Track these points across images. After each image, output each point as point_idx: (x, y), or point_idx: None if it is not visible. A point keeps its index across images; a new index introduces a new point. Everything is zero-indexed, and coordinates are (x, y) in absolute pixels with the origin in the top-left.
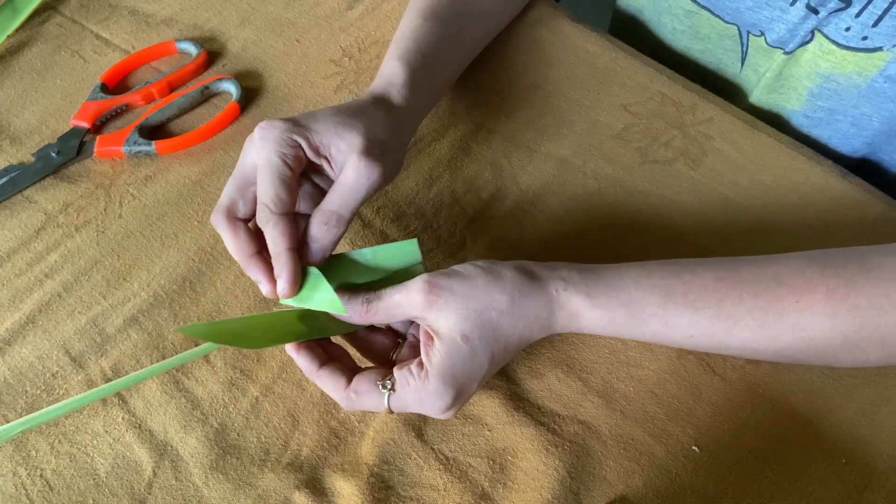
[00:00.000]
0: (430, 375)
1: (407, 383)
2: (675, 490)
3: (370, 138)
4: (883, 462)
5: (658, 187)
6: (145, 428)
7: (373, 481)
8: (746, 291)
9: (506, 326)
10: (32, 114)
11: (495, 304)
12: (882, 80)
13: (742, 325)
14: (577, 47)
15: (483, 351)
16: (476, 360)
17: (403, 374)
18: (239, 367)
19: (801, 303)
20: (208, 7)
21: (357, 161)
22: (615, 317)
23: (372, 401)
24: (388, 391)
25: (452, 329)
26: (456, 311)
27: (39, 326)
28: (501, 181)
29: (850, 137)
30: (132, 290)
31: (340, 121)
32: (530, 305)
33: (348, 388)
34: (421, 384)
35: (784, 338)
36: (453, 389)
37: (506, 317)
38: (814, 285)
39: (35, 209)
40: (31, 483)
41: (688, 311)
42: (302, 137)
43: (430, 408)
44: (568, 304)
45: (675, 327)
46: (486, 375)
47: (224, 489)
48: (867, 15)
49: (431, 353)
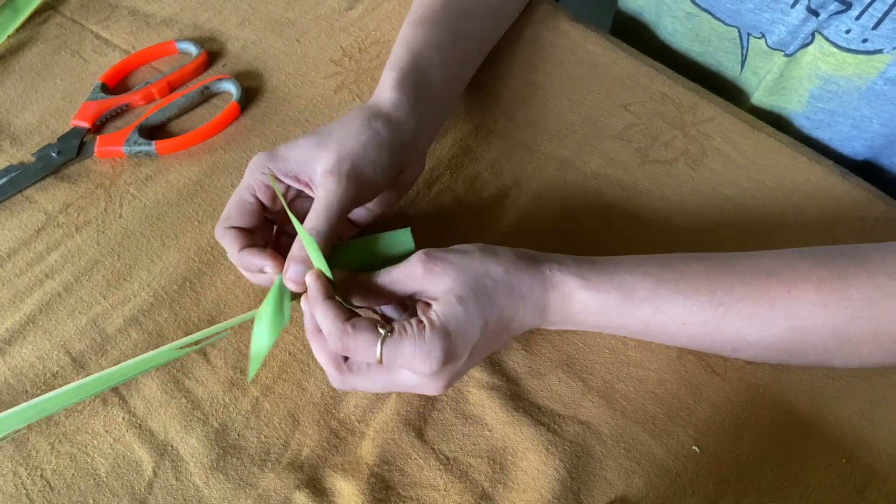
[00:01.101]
0: (425, 328)
1: (404, 331)
2: (675, 490)
3: (340, 154)
4: (883, 462)
5: (658, 187)
6: (146, 428)
7: (373, 481)
8: (737, 280)
9: (500, 295)
10: (33, 114)
11: (491, 273)
12: (882, 82)
13: (733, 314)
14: (578, 47)
15: (477, 314)
16: (470, 321)
17: (401, 323)
18: (239, 367)
19: (793, 293)
20: (208, 7)
21: (323, 179)
22: (607, 299)
23: (365, 340)
24: (386, 333)
25: (448, 291)
26: (452, 277)
27: (40, 326)
28: (501, 181)
29: (850, 139)
30: (132, 290)
31: (316, 142)
32: (524, 281)
33: (346, 321)
34: (417, 334)
35: (775, 328)
36: (446, 344)
37: (501, 287)
38: (805, 276)
39: (35, 209)
40: (31, 483)
41: (679, 297)
42: (275, 165)
43: (422, 361)
44: (561, 285)
45: (667, 313)
46: (478, 343)
47: (224, 489)
48: (867, 17)
49: (429, 313)
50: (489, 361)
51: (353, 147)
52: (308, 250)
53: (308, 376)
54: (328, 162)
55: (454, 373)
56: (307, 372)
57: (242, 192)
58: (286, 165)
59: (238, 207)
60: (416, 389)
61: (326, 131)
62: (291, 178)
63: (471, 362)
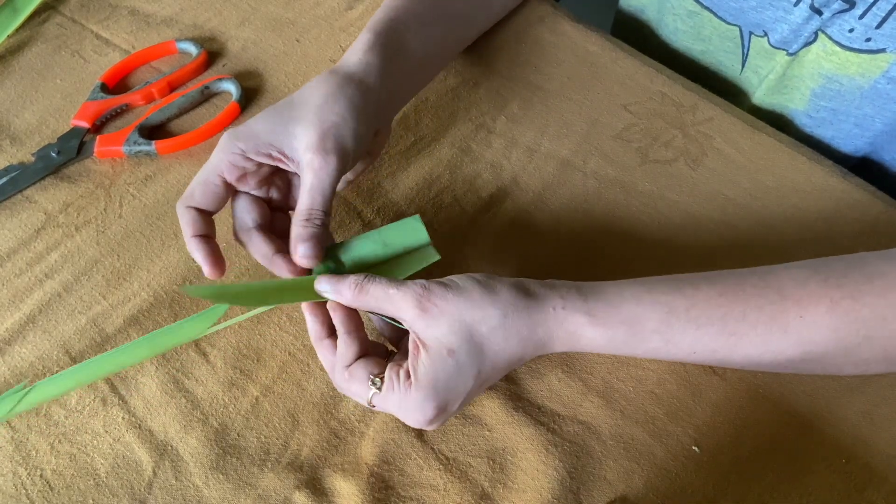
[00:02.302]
0: (412, 387)
1: (392, 387)
2: (675, 490)
3: (322, 129)
4: (883, 462)
5: (658, 187)
6: (145, 428)
7: (373, 481)
8: (750, 306)
9: (496, 343)
10: (32, 114)
11: (487, 319)
12: (885, 81)
13: (746, 341)
14: (578, 47)
15: (469, 366)
16: (461, 376)
17: (391, 376)
18: (239, 367)
19: (806, 317)
20: (208, 7)
21: (310, 158)
22: (615, 335)
23: (359, 391)
24: (376, 389)
25: (440, 341)
26: (446, 323)
27: (39, 326)
28: (501, 181)
29: (852, 138)
30: (132, 289)
31: (289, 116)
32: (525, 324)
33: (347, 368)
34: (404, 393)
35: (788, 353)
36: (434, 403)
37: (497, 332)
38: (818, 298)
39: (35, 209)
40: (31, 483)
41: (691, 328)
42: (244, 146)
43: (410, 418)
44: (566, 323)
45: (678, 344)
46: (471, 392)
47: (224, 489)
48: (871, 16)
49: (417, 365)
50: None
51: (334, 119)
52: None
53: (308, 376)
54: (310, 139)
55: (445, 419)
56: (307, 372)
57: (208, 173)
58: (257, 143)
59: (202, 188)
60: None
61: (298, 102)
62: (264, 155)
63: (463, 406)
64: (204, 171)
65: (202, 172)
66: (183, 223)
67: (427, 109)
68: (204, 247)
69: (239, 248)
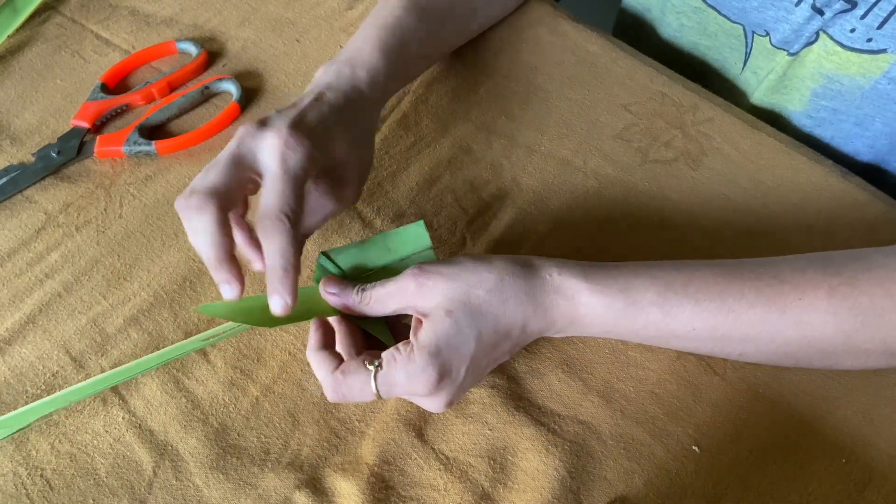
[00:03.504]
0: (414, 350)
1: (393, 360)
2: (675, 490)
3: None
4: (883, 462)
5: (658, 187)
6: (146, 428)
7: (373, 481)
8: (748, 287)
9: (494, 305)
10: (33, 114)
11: (483, 282)
12: (886, 81)
13: (744, 319)
14: (578, 47)
15: (468, 327)
16: (461, 335)
17: (390, 352)
18: (239, 367)
19: (804, 300)
20: (208, 7)
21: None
22: (613, 303)
23: (359, 381)
24: (376, 368)
25: (438, 306)
26: (442, 290)
27: (40, 326)
28: (501, 181)
29: (852, 138)
30: (132, 289)
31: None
32: (521, 287)
33: (336, 370)
34: (406, 359)
35: (785, 334)
36: (438, 363)
37: (494, 295)
38: (816, 283)
39: (35, 209)
40: (31, 483)
41: (689, 303)
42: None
43: (416, 384)
44: (564, 288)
45: (677, 318)
46: (474, 358)
47: (224, 489)
48: (872, 17)
49: (419, 333)
50: None
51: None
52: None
53: (308, 376)
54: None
55: (455, 389)
56: (307, 372)
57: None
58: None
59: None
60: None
61: None
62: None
63: (473, 377)
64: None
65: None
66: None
67: (427, 109)
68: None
69: None
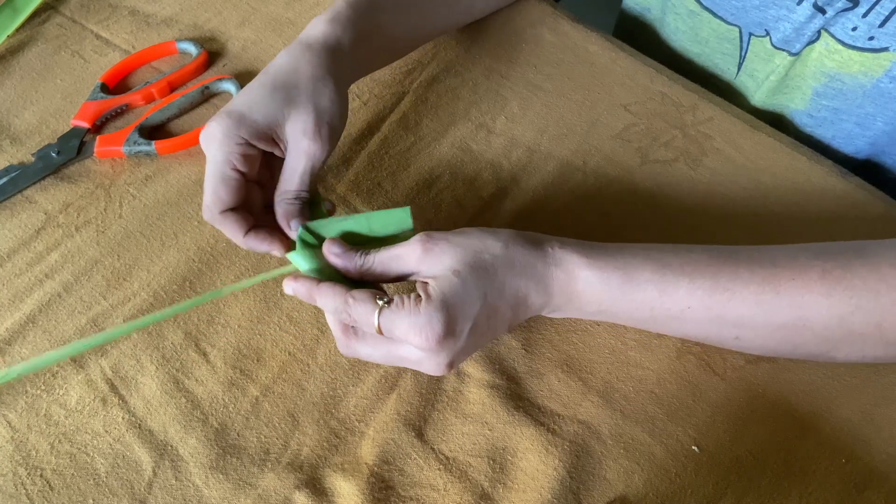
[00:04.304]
0: (422, 303)
1: (402, 304)
2: (675, 490)
3: (318, 115)
4: (883, 462)
5: (658, 187)
6: (145, 428)
7: (373, 481)
8: (743, 268)
9: (500, 270)
10: (33, 114)
11: (489, 248)
12: (888, 80)
13: (738, 299)
14: (578, 47)
15: (474, 286)
16: (468, 293)
17: (400, 296)
18: (239, 367)
19: (797, 280)
20: (208, 7)
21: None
22: (610, 278)
23: (364, 310)
24: (384, 303)
25: (445, 268)
26: (450, 254)
27: (39, 326)
28: (501, 181)
29: (853, 137)
30: (132, 289)
31: (283, 98)
32: (525, 256)
33: (348, 293)
34: (413, 308)
35: (780, 315)
36: (444, 316)
37: (500, 261)
38: (810, 266)
39: (35, 209)
40: (31, 483)
41: (684, 280)
42: (248, 134)
43: (418, 334)
44: (563, 262)
45: (672, 296)
46: (479, 317)
47: (224, 489)
48: (874, 15)
49: (427, 289)
50: (489, 360)
51: (326, 105)
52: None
53: (308, 376)
54: (307, 126)
55: (456, 351)
56: (307, 372)
57: (224, 169)
58: (257, 128)
59: (226, 187)
60: (417, 366)
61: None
62: (263, 140)
63: (473, 342)
64: (216, 169)
65: (215, 172)
66: (228, 230)
67: (427, 110)
68: (261, 236)
69: (230, 253)
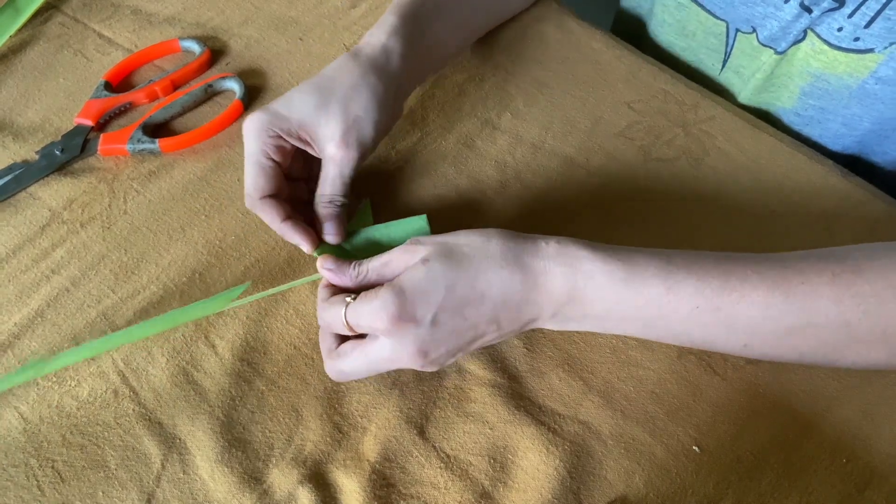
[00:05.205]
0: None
1: (365, 296)
2: (675, 490)
3: (346, 122)
4: (883, 462)
5: (660, 185)
6: (155, 420)
7: (374, 478)
8: (751, 269)
9: (476, 260)
10: (36, 112)
11: (470, 242)
12: (873, 81)
13: (747, 302)
14: (582, 45)
15: (441, 276)
16: (431, 281)
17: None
18: (247, 359)
19: (807, 285)
20: (211, 5)
21: (334, 150)
22: (615, 271)
23: (335, 309)
24: (351, 300)
25: (416, 259)
26: (427, 249)
27: (48, 320)
28: (505, 178)
29: (840, 137)
30: (141, 283)
31: (318, 103)
32: (510, 248)
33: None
34: (374, 294)
35: (788, 320)
36: (398, 301)
37: (478, 252)
38: (819, 269)
39: (39, 206)
40: (42, 474)
41: (692, 279)
42: (281, 128)
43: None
44: (564, 255)
45: (679, 293)
46: (443, 304)
47: (229, 482)
48: (860, 16)
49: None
50: (490, 359)
51: (357, 113)
52: None
53: (312, 370)
54: (335, 131)
55: (422, 338)
56: (311, 366)
57: (260, 158)
58: (290, 125)
59: (263, 174)
60: (393, 362)
61: (325, 88)
62: (294, 137)
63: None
64: (253, 158)
65: (252, 160)
66: (266, 215)
67: (433, 105)
68: (296, 227)
69: (240, 245)
